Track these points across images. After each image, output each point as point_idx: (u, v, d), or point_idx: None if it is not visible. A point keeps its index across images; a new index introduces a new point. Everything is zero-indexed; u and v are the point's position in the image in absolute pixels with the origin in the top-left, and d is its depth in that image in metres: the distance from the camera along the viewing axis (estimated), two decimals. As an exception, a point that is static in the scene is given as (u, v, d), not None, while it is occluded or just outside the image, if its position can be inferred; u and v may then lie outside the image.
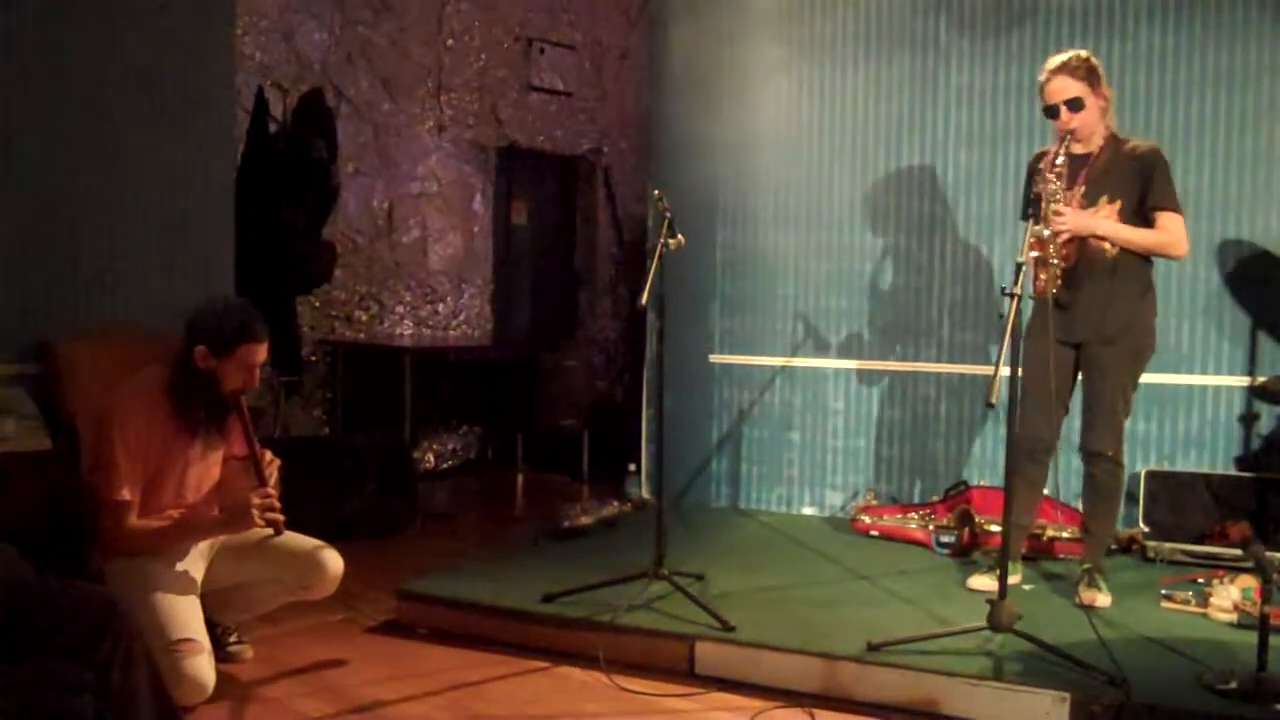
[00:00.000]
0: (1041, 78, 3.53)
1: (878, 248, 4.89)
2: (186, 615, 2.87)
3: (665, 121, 5.31)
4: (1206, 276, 4.35)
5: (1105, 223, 3.44)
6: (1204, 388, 4.38)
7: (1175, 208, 3.46)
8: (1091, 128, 3.49)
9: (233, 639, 3.31)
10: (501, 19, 7.01)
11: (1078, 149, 3.49)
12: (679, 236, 3.58)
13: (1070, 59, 3.47)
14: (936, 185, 4.76)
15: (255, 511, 2.90)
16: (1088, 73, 3.45)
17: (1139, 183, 3.46)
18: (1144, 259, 3.53)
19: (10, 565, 2.38)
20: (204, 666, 2.80)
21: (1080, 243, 3.47)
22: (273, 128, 5.48)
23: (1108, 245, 3.46)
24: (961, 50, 4.69)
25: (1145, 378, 3.63)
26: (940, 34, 4.73)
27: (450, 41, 6.69)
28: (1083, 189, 3.50)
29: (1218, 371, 4.35)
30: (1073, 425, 3.73)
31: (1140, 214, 3.46)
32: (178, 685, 2.74)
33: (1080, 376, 3.63)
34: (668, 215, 3.59)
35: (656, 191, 3.80)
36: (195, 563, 3.05)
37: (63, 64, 3.91)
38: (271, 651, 3.36)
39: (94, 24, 4.01)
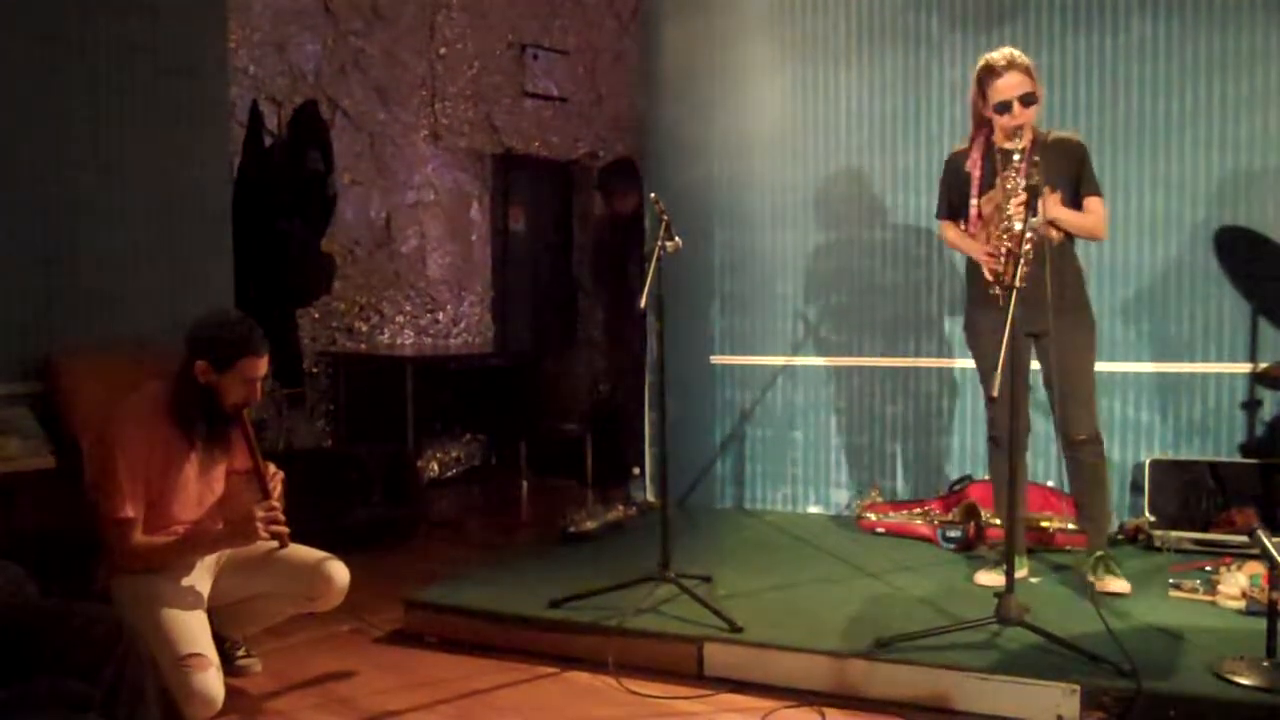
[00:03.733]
0: (982, 72, 3.50)
1: (875, 244, 4.89)
2: (194, 630, 2.87)
3: (660, 124, 5.31)
4: (1205, 263, 4.34)
5: (1064, 209, 3.50)
6: (1205, 375, 4.37)
7: (1101, 192, 3.59)
8: (1032, 123, 3.51)
9: (241, 653, 3.30)
10: (494, 26, 7.01)
11: (1010, 144, 3.47)
12: (676, 239, 3.58)
13: (1014, 54, 3.47)
14: (932, 180, 4.72)
15: (260, 525, 2.90)
16: (1031, 68, 3.48)
17: (1073, 171, 3.54)
18: (1073, 242, 3.62)
19: (16, 584, 2.38)
20: (212, 681, 2.80)
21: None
22: (268, 140, 5.48)
23: (1054, 232, 3.51)
24: (954, 45, 4.69)
25: (1147, 366, 3.65)
26: (932, 29, 4.73)
27: (443, 50, 6.70)
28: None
29: (1219, 359, 4.34)
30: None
31: (1074, 201, 3.54)
32: (187, 701, 2.74)
33: (1041, 366, 3.65)
34: (665, 217, 3.59)
35: (653, 194, 3.81)
36: (201, 578, 3.05)
37: (59, 81, 3.91)
38: (280, 664, 3.36)
39: (89, 40, 4.01)
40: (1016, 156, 3.40)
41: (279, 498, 2.99)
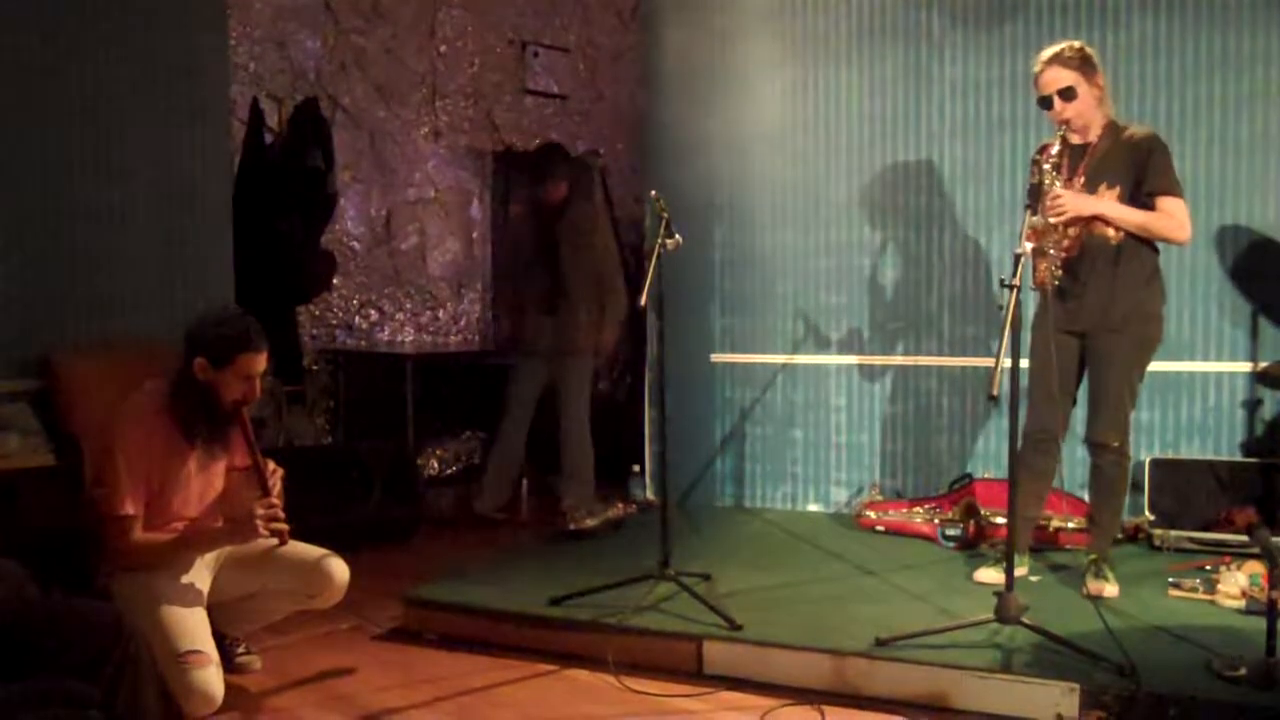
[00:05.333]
0: (1035, 69, 3.52)
1: (876, 242, 4.89)
2: (194, 628, 2.87)
3: (660, 122, 5.31)
4: (1206, 263, 4.34)
5: (1106, 203, 3.43)
6: (1207, 374, 4.37)
7: (1175, 192, 3.43)
8: (1087, 117, 3.48)
9: (241, 650, 3.31)
10: (494, 23, 7.01)
11: (1076, 139, 3.49)
12: (677, 237, 3.58)
13: (1063, 49, 3.46)
14: (933, 178, 4.76)
15: (259, 522, 2.90)
16: (1081, 62, 3.44)
17: (1135, 168, 3.44)
18: (1149, 245, 3.51)
19: (17, 583, 2.38)
20: (212, 678, 2.80)
21: (1084, 230, 3.47)
22: (269, 138, 5.48)
23: (1111, 232, 3.45)
24: (955, 43, 4.69)
25: (1147, 366, 3.62)
26: (934, 27, 4.73)
27: (443, 47, 6.70)
28: (1082, 179, 3.49)
29: (1220, 358, 4.35)
30: (1078, 416, 3.72)
31: (1138, 200, 3.44)
32: (186, 698, 2.75)
33: (1085, 366, 3.62)
34: (665, 216, 3.59)
35: (653, 192, 3.80)
36: (201, 575, 3.05)
37: (59, 80, 3.91)
38: (280, 662, 3.36)
39: (89, 39, 4.01)
40: (1055, 150, 3.40)
41: (279, 495, 2.99)
